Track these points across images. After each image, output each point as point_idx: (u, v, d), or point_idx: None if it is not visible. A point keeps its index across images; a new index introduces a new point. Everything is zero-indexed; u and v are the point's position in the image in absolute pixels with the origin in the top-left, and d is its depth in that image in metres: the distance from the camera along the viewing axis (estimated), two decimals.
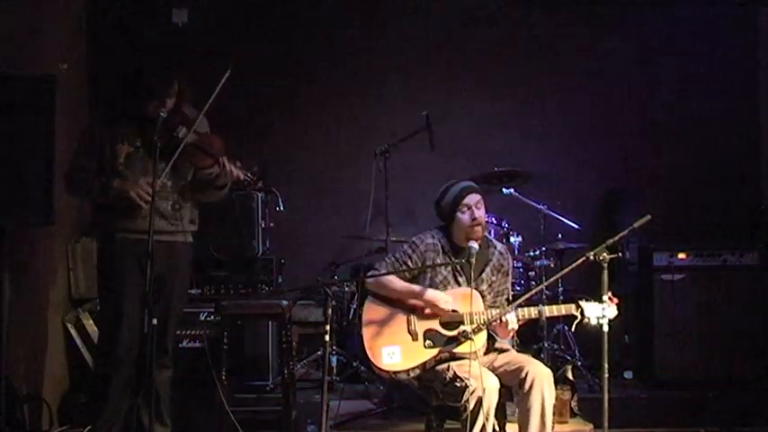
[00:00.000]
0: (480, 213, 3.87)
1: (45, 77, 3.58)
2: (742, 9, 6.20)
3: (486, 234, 4.03)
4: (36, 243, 4.70)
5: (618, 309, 3.57)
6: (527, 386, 3.64)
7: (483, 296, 3.86)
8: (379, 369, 3.78)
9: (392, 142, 5.20)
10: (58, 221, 3.65)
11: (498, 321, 3.73)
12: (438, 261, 3.87)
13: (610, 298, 3.54)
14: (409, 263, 3.88)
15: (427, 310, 3.78)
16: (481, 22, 6.20)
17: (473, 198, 3.87)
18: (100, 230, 3.86)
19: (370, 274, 3.94)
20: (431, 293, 3.78)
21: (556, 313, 3.78)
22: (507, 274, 4.00)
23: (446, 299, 3.78)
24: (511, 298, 3.98)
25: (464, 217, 3.85)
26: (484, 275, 3.92)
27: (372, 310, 3.85)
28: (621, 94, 6.23)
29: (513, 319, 3.71)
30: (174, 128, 3.75)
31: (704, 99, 6.20)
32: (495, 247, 3.99)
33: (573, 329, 3.69)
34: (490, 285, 3.93)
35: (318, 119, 6.16)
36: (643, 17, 6.24)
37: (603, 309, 3.51)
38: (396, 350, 3.76)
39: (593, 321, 3.54)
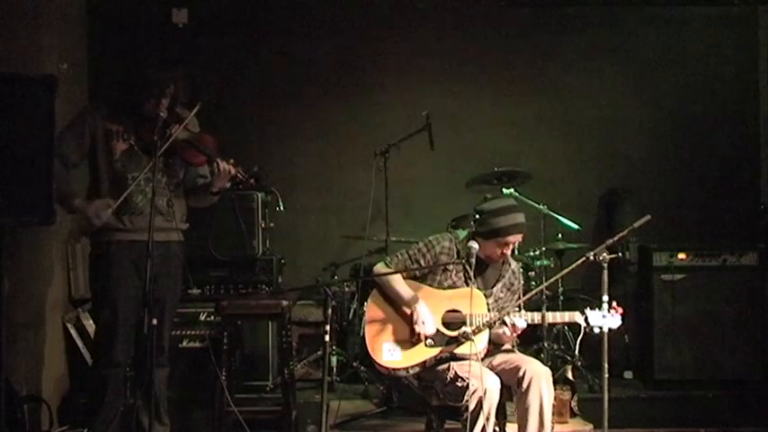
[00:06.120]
0: (510, 250, 3.87)
1: (45, 77, 3.57)
2: (742, 9, 6.19)
3: None
4: (36, 243, 4.70)
5: (622, 318, 3.57)
6: (525, 384, 3.64)
7: (488, 307, 3.84)
8: (379, 365, 3.79)
9: (392, 142, 5.19)
10: (57, 221, 3.64)
11: (505, 326, 3.71)
12: (450, 266, 3.86)
13: (614, 307, 3.54)
14: (421, 261, 3.87)
15: (415, 329, 3.75)
16: (481, 21, 6.20)
17: (517, 237, 3.84)
18: (93, 232, 3.87)
19: (380, 265, 3.93)
20: (419, 311, 3.76)
21: (559, 320, 3.79)
22: (515, 293, 3.98)
23: (429, 326, 3.74)
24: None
25: (497, 249, 3.82)
26: (494, 289, 3.91)
27: (376, 307, 3.86)
28: (622, 94, 6.23)
29: (521, 323, 3.70)
30: (168, 126, 3.77)
31: (704, 99, 6.20)
32: (510, 265, 3.98)
33: (579, 340, 3.71)
34: (496, 301, 3.92)
35: (318, 119, 6.16)
36: (643, 17, 6.24)
37: (604, 317, 3.51)
38: (396, 347, 3.76)
39: (596, 330, 3.54)
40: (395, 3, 6.19)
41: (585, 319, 3.59)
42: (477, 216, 3.85)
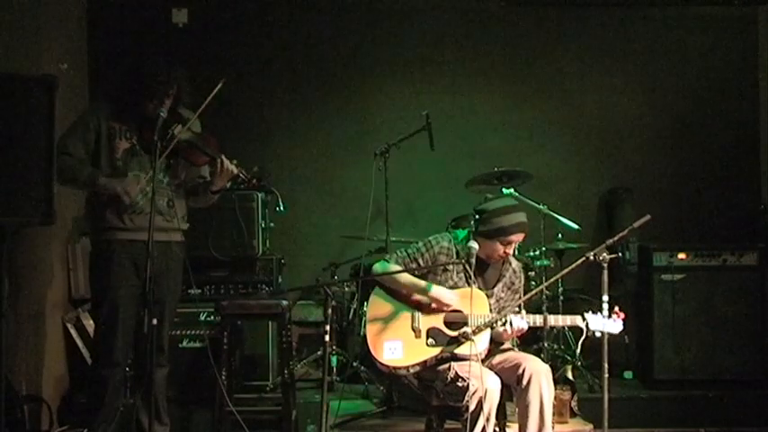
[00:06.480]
0: (512, 249, 3.86)
1: (45, 77, 3.58)
2: (742, 9, 6.20)
3: None
4: (36, 243, 4.70)
5: (623, 324, 3.56)
6: (525, 382, 3.64)
7: (489, 308, 3.84)
8: (380, 364, 3.78)
9: (392, 142, 5.20)
10: (58, 221, 3.65)
11: (506, 327, 3.71)
12: (450, 266, 3.85)
13: (616, 312, 3.54)
14: (420, 261, 3.87)
15: (433, 305, 3.77)
16: (481, 21, 6.20)
17: (519, 237, 3.82)
18: (93, 231, 3.87)
19: (379, 263, 3.93)
20: (435, 290, 3.77)
21: (561, 323, 3.78)
22: (516, 293, 3.97)
23: (450, 296, 3.76)
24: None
25: (499, 248, 3.81)
26: (495, 289, 3.91)
27: (377, 305, 3.86)
28: (622, 94, 6.24)
29: (523, 324, 3.70)
30: (170, 126, 3.77)
31: (704, 99, 6.20)
32: (511, 264, 3.98)
33: (580, 342, 3.71)
34: (498, 301, 3.91)
35: (318, 119, 6.16)
36: (643, 17, 6.24)
37: (605, 320, 3.51)
38: (397, 345, 3.76)
39: (598, 334, 3.54)
40: (395, 3, 6.20)
41: (586, 324, 3.58)
42: (479, 216, 3.84)
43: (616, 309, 3.56)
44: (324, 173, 6.15)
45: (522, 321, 3.70)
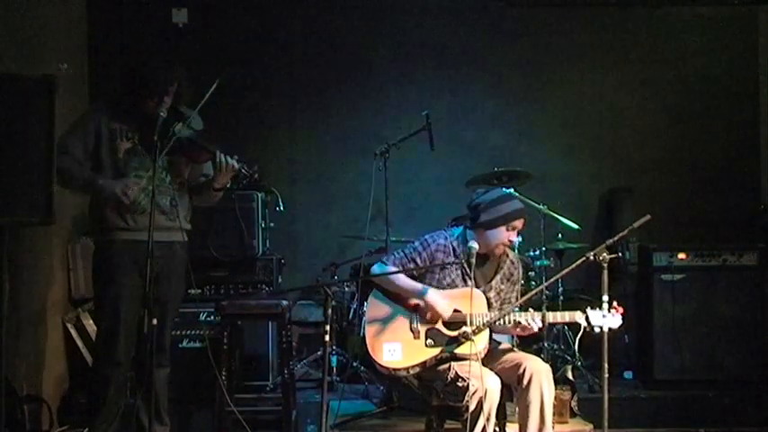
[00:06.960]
0: (515, 235, 3.87)
1: (45, 77, 3.57)
2: (742, 9, 6.20)
3: None
4: (36, 243, 4.70)
5: (622, 318, 3.56)
6: (525, 381, 3.64)
7: (489, 303, 3.84)
8: (380, 365, 3.78)
9: (392, 142, 5.20)
10: (57, 221, 3.64)
11: (515, 326, 3.71)
12: (447, 264, 3.85)
13: (614, 307, 3.54)
14: (417, 260, 3.86)
15: (428, 314, 3.76)
16: (481, 21, 6.20)
17: (521, 222, 3.84)
18: (96, 231, 3.87)
19: (377, 266, 3.93)
20: (431, 296, 3.75)
21: (560, 320, 3.77)
22: (515, 284, 3.97)
23: (444, 306, 3.75)
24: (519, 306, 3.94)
25: (505, 234, 3.81)
26: (493, 283, 3.90)
27: (376, 307, 3.86)
28: (622, 94, 6.24)
29: (537, 323, 3.70)
30: (170, 125, 3.77)
31: (704, 99, 6.20)
32: (508, 256, 3.98)
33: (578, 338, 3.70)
34: (498, 293, 3.91)
35: (319, 119, 6.16)
36: (643, 17, 6.24)
37: (605, 316, 3.51)
38: (396, 347, 3.76)
39: (597, 330, 3.54)
40: (396, 3, 6.19)
41: (586, 319, 3.59)
42: (478, 207, 3.84)
43: (614, 303, 3.55)
44: (324, 173, 6.15)
45: (534, 321, 3.70)
